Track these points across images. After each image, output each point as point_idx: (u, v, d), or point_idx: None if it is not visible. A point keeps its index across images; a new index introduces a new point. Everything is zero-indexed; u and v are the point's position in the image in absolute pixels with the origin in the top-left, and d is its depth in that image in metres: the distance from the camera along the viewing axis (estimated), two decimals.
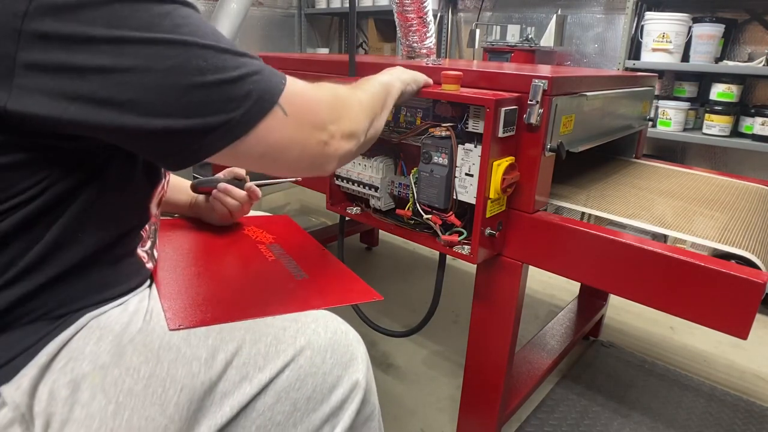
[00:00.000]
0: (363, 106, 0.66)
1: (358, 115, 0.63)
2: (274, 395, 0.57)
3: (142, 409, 0.51)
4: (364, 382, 0.63)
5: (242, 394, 0.55)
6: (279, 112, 0.51)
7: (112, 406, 0.50)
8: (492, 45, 2.48)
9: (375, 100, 0.70)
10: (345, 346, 0.63)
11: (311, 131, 0.55)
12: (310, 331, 0.61)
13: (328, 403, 0.60)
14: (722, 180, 1.21)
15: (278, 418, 0.57)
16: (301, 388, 0.59)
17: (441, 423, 1.21)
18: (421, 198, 0.94)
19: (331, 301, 0.71)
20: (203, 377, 0.54)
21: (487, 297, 0.99)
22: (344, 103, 0.62)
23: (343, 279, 0.79)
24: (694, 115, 2.13)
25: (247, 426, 0.56)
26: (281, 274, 0.77)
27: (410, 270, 2.03)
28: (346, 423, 0.61)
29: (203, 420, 0.54)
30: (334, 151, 0.58)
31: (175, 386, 0.53)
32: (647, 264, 0.78)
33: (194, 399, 0.53)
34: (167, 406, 0.52)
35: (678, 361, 1.50)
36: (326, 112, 0.58)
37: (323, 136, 0.56)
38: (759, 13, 2.03)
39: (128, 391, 0.51)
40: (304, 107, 0.54)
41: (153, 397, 0.52)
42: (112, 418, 0.50)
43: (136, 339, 0.55)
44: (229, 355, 0.56)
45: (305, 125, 0.54)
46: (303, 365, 0.59)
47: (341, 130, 0.59)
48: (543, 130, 0.85)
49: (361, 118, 0.64)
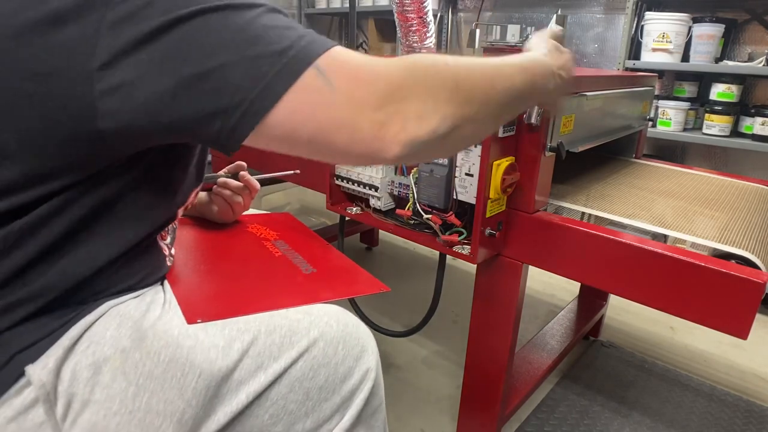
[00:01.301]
0: (458, 86, 0.48)
1: (440, 95, 0.47)
2: (287, 384, 0.58)
3: (161, 392, 0.52)
4: (373, 373, 0.64)
5: (257, 383, 0.56)
6: (316, 78, 0.43)
7: (133, 388, 0.51)
8: (492, 45, 2.48)
9: (487, 82, 0.52)
10: (356, 339, 0.64)
11: (361, 108, 0.44)
12: (323, 324, 0.62)
13: (339, 393, 0.61)
14: (722, 180, 1.21)
15: (291, 407, 0.58)
16: (314, 378, 0.59)
17: (441, 423, 1.21)
18: (421, 198, 0.94)
19: (341, 293, 0.73)
20: (220, 364, 0.55)
21: (487, 297, 0.99)
22: (423, 79, 0.47)
23: (350, 272, 0.81)
24: (694, 115, 2.13)
25: (260, 414, 0.57)
26: (289, 269, 0.78)
27: (410, 270, 2.03)
28: (355, 412, 0.62)
29: (219, 407, 0.55)
30: (393, 136, 0.45)
31: (194, 371, 0.53)
32: (647, 264, 0.78)
33: (211, 385, 0.54)
34: (185, 391, 0.53)
35: (678, 361, 1.50)
36: (385, 86, 0.45)
37: (379, 115, 0.44)
38: (759, 13, 2.03)
39: (148, 374, 0.52)
40: (351, 77, 0.44)
41: (172, 381, 0.53)
42: (132, 400, 0.51)
43: (156, 325, 0.56)
44: (245, 344, 0.57)
45: (353, 100, 0.44)
46: (316, 356, 0.60)
47: (406, 109, 0.45)
48: (543, 130, 0.85)
49: (445, 100, 0.47)
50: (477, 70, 0.51)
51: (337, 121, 0.44)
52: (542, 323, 1.53)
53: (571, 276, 0.89)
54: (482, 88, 0.51)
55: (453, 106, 0.48)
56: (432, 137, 0.47)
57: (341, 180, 1.07)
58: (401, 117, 0.45)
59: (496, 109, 0.53)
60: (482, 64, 0.52)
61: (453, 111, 0.48)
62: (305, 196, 2.84)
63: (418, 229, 0.99)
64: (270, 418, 0.57)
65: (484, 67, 0.52)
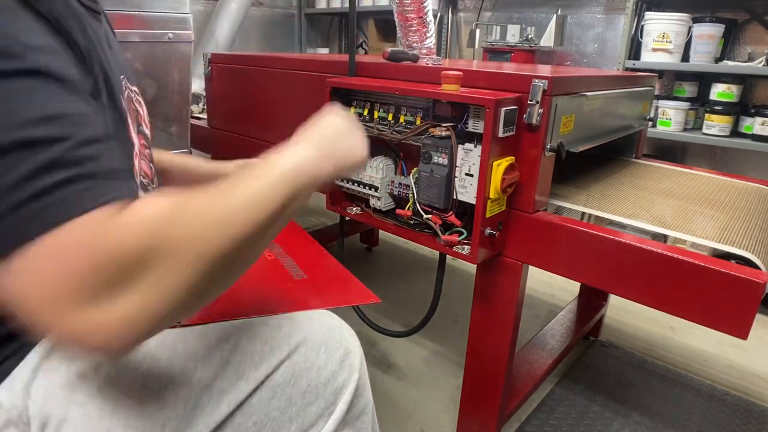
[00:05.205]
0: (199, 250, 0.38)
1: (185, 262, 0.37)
2: (269, 391, 0.58)
3: (139, 408, 0.50)
4: (356, 374, 0.64)
5: (239, 392, 0.56)
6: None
7: (110, 406, 0.50)
8: (492, 45, 2.48)
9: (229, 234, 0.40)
10: (339, 341, 0.63)
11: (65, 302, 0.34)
12: (305, 328, 0.62)
13: (323, 397, 0.61)
14: (722, 180, 1.21)
15: (274, 413, 0.58)
16: (296, 384, 0.59)
17: (441, 423, 1.21)
18: (421, 198, 0.94)
19: (329, 302, 0.72)
20: (200, 374, 0.54)
21: (487, 297, 0.99)
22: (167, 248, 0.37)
23: (342, 280, 0.80)
24: (694, 115, 2.13)
25: (243, 422, 0.56)
26: (280, 274, 0.77)
27: (410, 270, 2.03)
28: (339, 415, 0.62)
29: (201, 418, 0.54)
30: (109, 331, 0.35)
31: (173, 384, 0.52)
32: (647, 264, 0.78)
33: (191, 396, 0.53)
34: (165, 404, 0.52)
35: (678, 361, 1.50)
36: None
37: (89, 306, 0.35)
38: (759, 13, 2.03)
39: (126, 389, 0.51)
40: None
41: (150, 395, 0.51)
42: (110, 419, 0.49)
43: None
44: (226, 353, 0.57)
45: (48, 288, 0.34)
46: (298, 361, 0.60)
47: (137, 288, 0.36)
48: (543, 130, 0.85)
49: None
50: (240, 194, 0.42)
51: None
52: (542, 323, 1.53)
53: (571, 276, 0.89)
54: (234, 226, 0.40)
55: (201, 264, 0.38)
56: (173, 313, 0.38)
57: (341, 180, 1.07)
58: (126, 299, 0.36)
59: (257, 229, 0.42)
60: (242, 185, 0.43)
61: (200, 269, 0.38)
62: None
63: (418, 229, 0.99)
64: (253, 425, 0.57)
65: (244, 189, 0.43)
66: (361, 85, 0.99)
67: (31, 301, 0.34)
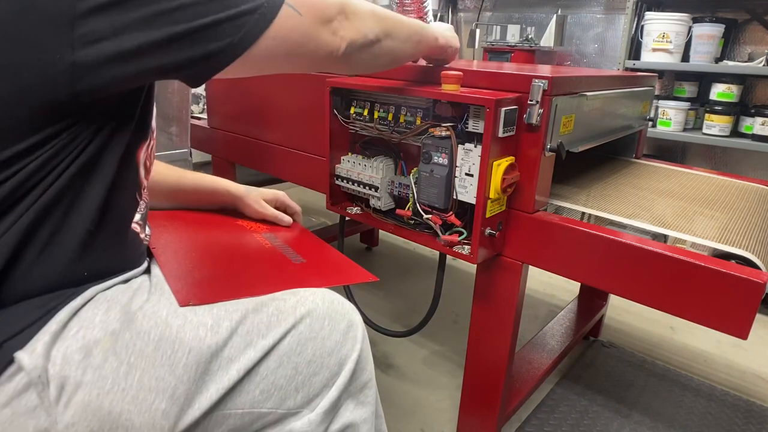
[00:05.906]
0: (377, 15, 0.72)
1: (367, 17, 0.70)
2: (276, 359, 0.60)
3: (152, 370, 0.54)
4: (359, 345, 0.66)
5: (247, 359, 0.58)
6: (287, 10, 0.58)
7: (124, 367, 0.53)
8: (492, 45, 2.49)
9: (397, 19, 0.77)
10: (342, 315, 0.66)
11: (321, 24, 0.63)
12: (309, 302, 0.64)
13: (327, 367, 0.63)
14: (722, 180, 1.21)
15: (281, 381, 0.60)
16: (302, 353, 0.61)
17: (441, 423, 1.21)
18: (421, 198, 0.94)
19: (329, 281, 0.73)
20: (210, 341, 0.57)
21: (487, 297, 0.99)
22: (355, 6, 0.68)
23: (339, 262, 0.82)
24: (694, 115, 2.13)
25: (251, 390, 0.59)
26: (279, 259, 0.79)
27: (410, 270, 2.03)
28: (342, 383, 0.64)
29: (211, 383, 0.56)
30: (341, 37, 0.66)
31: (184, 348, 0.55)
32: (647, 264, 0.78)
33: (201, 362, 0.56)
34: (176, 367, 0.54)
35: (678, 361, 1.50)
36: (333, 9, 0.65)
37: (332, 25, 0.65)
38: (759, 13, 2.03)
39: (139, 352, 0.54)
40: (310, 5, 0.62)
41: (163, 358, 0.54)
42: (124, 378, 0.53)
43: (144, 307, 0.58)
44: (234, 323, 0.59)
45: (315, 20, 0.62)
46: (303, 331, 0.62)
47: (348, 22, 0.67)
48: (543, 130, 0.85)
49: (371, 20, 0.70)
50: (389, 12, 0.76)
51: (306, 36, 0.61)
52: (542, 323, 1.53)
53: (571, 276, 0.89)
54: (393, 20, 0.76)
55: (375, 24, 0.71)
56: (364, 40, 0.69)
57: (341, 180, 1.07)
58: (345, 25, 0.66)
59: (403, 35, 0.78)
60: (394, 14, 0.78)
61: (375, 26, 0.71)
62: (305, 196, 2.84)
63: (418, 229, 0.99)
64: (261, 394, 0.59)
65: (394, 13, 0.78)
66: (361, 84, 0.99)
67: (307, 30, 0.61)
